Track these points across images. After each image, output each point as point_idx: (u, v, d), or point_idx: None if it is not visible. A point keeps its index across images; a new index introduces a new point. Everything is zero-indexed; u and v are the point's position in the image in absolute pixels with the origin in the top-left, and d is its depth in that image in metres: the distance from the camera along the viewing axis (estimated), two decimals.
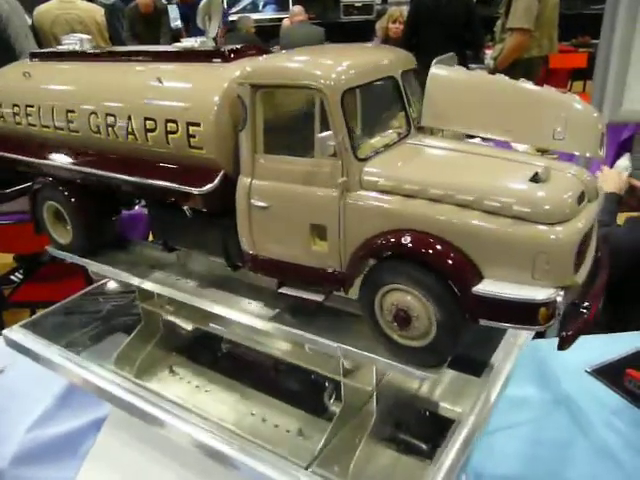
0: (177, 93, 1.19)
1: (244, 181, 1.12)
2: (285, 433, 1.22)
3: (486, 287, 0.93)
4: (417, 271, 0.97)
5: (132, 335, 1.50)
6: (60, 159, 1.39)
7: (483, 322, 0.95)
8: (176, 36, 6.54)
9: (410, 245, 0.96)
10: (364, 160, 1.03)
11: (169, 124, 1.17)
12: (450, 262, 0.94)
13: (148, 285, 1.39)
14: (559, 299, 0.90)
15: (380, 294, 1.02)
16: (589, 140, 1.03)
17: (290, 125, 1.12)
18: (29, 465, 1.29)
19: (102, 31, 4.39)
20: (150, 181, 1.23)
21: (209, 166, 1.15)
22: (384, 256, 1.00)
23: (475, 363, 1.33)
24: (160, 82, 1.18)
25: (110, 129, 1.26)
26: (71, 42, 1.46)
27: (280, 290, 1.17)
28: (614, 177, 2.25)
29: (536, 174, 0.94)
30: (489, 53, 5.02)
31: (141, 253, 1.54)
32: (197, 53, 1.21)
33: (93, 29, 4.35)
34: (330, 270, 1.08)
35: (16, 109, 1.43)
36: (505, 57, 4.40)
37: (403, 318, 1.01)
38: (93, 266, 1.49)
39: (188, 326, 1.54)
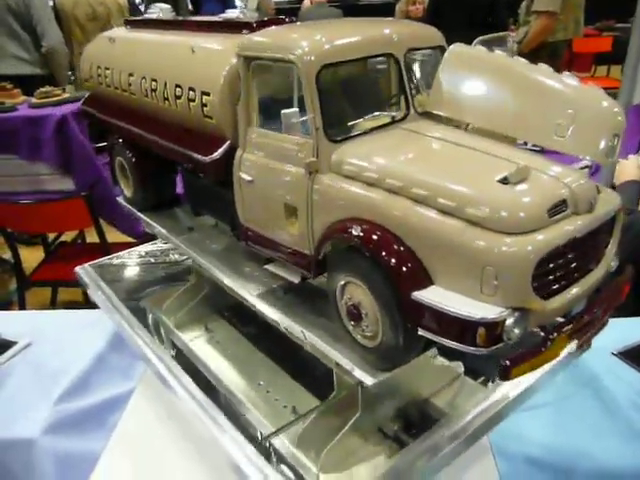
0: (200, 62, 1.20)
1: (238, 153, 1.13)
2: (281, 408, 1.22)
3: (424, 294, 0.84)
4: (366, 265, 0.90)
5: (182, 289, 1.57)
6: (123, 119, 1.50)
7: (422, 333, 0.85)
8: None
9: (358, 236, 0.90)
10: (337, 142, 0.98)
11: (190, 92, 1.19)
12: (393, 260, 0.86)
13: (174, 241, 1.46)
14: (509, 322, 0.79)
15: (339, 285, 0.98)
16: (596, 141, 0.87)
17: (280, 100, 1.09)
18: (58, 435, 1.31)
19: (123, 12, 4.40)
20: (174, 146, 1.27)
21: (218, 136, 1.17)
22: (339, 245, 0.96)
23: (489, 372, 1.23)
24: (193, 51, 1.19)
25: (153, 93, 1.31)
26: (154, 11, 1.55)
27: (265, 266, 1.17)
28: (633, 166, 2.19)
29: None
30: (512, 36, 4.92)
31: (189, 213, 1.60)
32: (232, 24, 1.22)
33: (114, 10, 4.36)
34: (302, 253, 1.05)
35: (99, 71, 1.57)
36: (530, 41, 4.32)
37: (354, 313, 0.96)
38: (144, 220, 1.61)
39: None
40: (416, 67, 1.11)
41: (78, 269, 1.82)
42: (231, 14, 1.25)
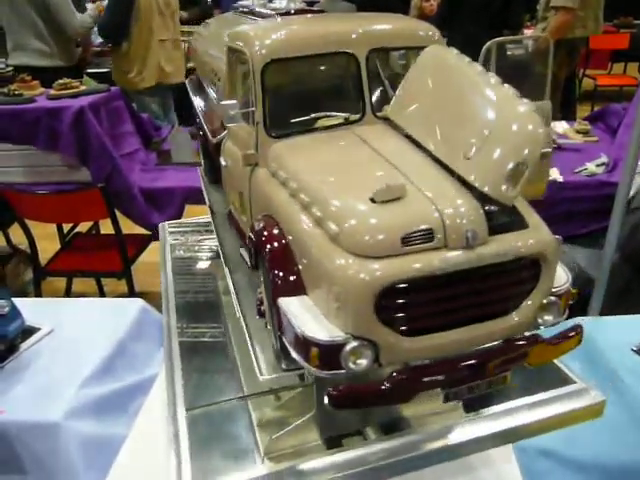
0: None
1: (225, 139, 1.16)
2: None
3: (286, 301, 0.81)
4: (263, 262, 0.89)
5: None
6: (197, 96, 1.55)
7: (284, 340, 0.83)
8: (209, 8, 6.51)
9: (256, 232, 0.90)
10: (276, 137, 0.98)
11: (214, 77, 1.27)
12: (271, 262, 0.84)
13: (208, 213, 1.49)
14: (347, 349, 0.73)
15: (260, 278, 0.96)
16: (495, 170, 0.75)
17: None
18: (83, 420, 1.34)
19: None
20: (203, 125, 1.34)
21: None
22: (253, 240, 0.94)
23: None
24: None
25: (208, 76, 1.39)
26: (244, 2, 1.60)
27: (240, 248, 1.18)
28: None
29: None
30: (528, 33, 4.89)
31: None
32: (271, 13, 1.24)
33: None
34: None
35: (193, 53, 1.69)
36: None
37: (258, 309, 0.95)
38: (204, 192, 1.62)
39: None
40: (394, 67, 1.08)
41: (160, 225, 1.86)
42: (277, 4, 1.25)
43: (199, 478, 0.93)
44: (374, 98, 1.02)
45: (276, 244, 0.86)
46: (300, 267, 0.83)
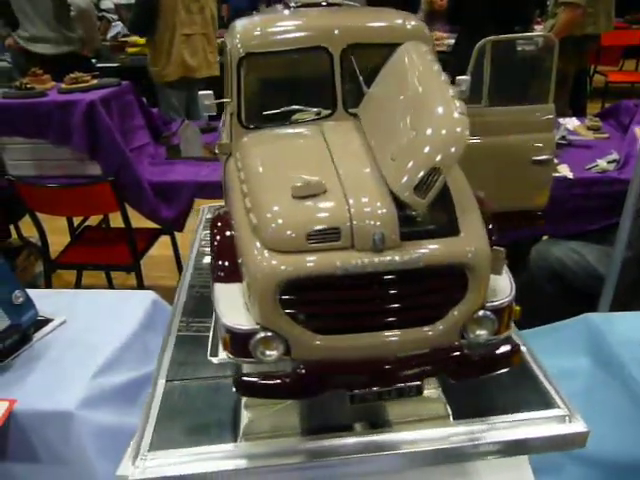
0: None
1: None
2: None
3: (218, 286, 0.84)
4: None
5: None
6: None
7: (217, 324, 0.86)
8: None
9: (212, 221, 0.94)
10: (249, 129, 0.99)
11: None
12: (214, 249, 0.88)
13: None
14: (256, 339, 0.76)
15: None
16: (407, 173, 0.73)
17: None
18: (95, 409, 1.34)
19: None
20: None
21: None
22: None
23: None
24: None
25: None
26: None
27: None
28: None
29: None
30: (539, 29, 4.87)
31: None
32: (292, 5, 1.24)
33: None
34: None
35: None
36: (555, 34, 4.26)
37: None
38: None
39: None
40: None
41: (201, 207, 1.86)
42: None
43: (155, 445, 0.95)
44: (349, 94, 1.01)
45: (227, 233, 0.89)
46: (238, 256, 0.85)
